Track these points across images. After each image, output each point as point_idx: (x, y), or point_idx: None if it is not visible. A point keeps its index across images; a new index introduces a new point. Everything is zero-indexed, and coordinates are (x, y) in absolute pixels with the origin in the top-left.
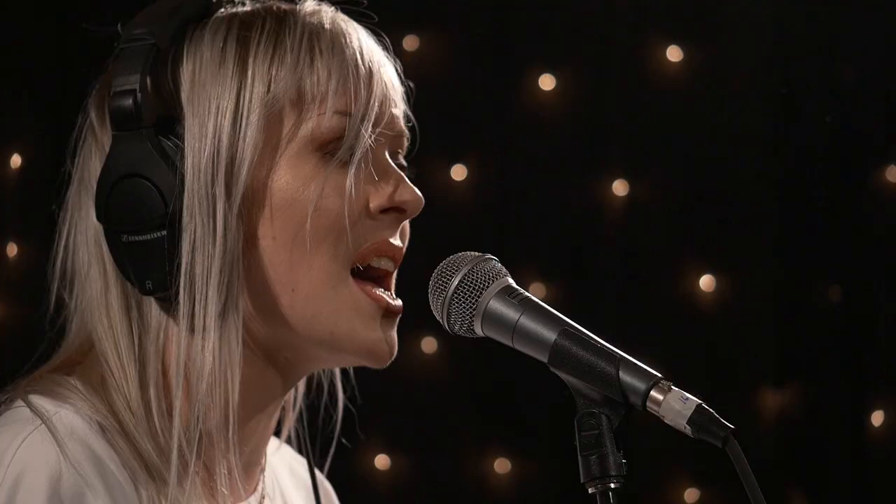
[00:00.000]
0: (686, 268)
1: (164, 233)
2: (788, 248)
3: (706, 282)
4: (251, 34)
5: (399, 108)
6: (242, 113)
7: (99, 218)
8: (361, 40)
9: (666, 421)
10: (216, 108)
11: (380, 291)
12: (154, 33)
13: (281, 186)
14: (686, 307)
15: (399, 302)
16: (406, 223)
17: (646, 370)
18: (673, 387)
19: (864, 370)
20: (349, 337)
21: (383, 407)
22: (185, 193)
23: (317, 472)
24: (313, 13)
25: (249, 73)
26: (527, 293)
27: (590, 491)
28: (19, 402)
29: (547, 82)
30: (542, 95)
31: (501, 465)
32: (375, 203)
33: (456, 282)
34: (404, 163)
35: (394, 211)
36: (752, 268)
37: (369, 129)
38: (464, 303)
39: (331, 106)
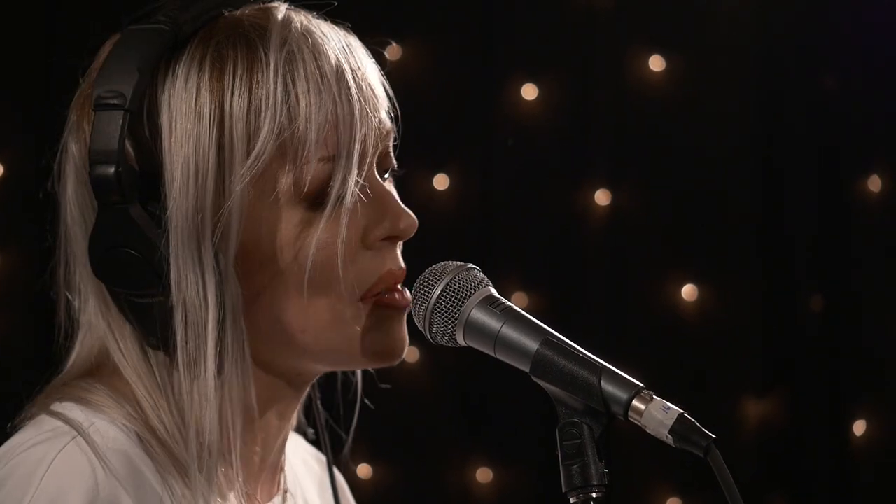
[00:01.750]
0: (668, 277)
1: (162, 299)
2: (771, 257)
3: (688, 291)
4: (224, 83)
5: (382, 108)
6: (225, 175)
7: (96, 275)
8: (337, 57)
9: (647, 430)
10: (195, 170)
11: (389, 296)
12: (125, 96)
13: (275, 242)
14: (668, 317)
15: (407, 293)
16: None
17: (627, 380)
18: (655, 396)
19: (847, 380)
20: (368, 351)
21: (365, 416)
22: (172, 265)
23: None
24: (283, 39)
25: (227, 130)
26: (509, 303)
27: (571, 501)
28: (48, 413)
29: (529, 92)
30: (524, 105)
31: (483, 475)
32: (370, 236)
33: (438, 291)
34: (394, 161)
35: (390, 237)
36: (734, 277)
37: (354, 173)
38: (446, 313)
39: (314, 154)
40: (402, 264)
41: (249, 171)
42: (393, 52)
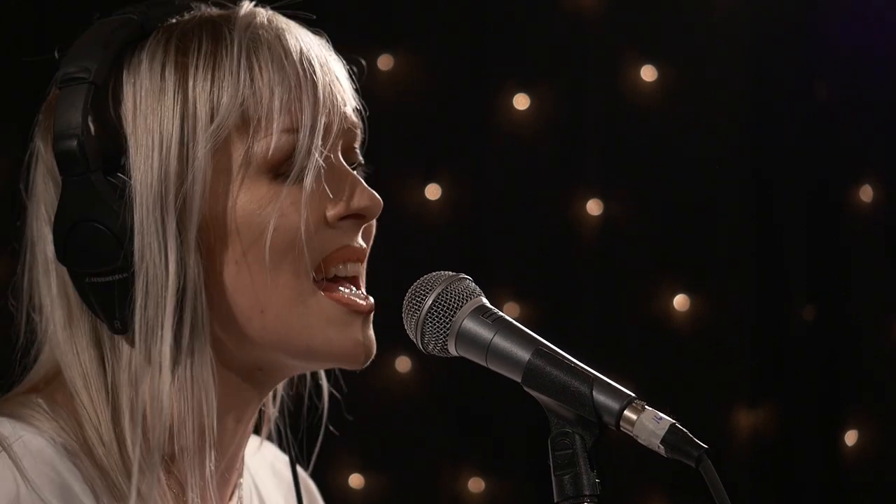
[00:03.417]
0: (660, 287)
1: (125, 274)
2: (763, 266)
3: (680, 301)
4: (188, 59)
5: (349, 104)
6: (188, 145)
7: (60, 260)
8: (301, 45)
9: (640, 440)
10: (159, 141)
11: (349, 294)
12: (90, 70)
13: (237, 213)
14: (660, 326)
15: (371, 300)
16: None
17: (619, 390)
18: (646, 406)
19: (838, 390)
20: (326, 347)
21: (357, 426)
22: (136, 234)
23: (300, 470)
24: (249, 23)
25: (191, 102)
26: (500, 313)
27: None
28: None
29: (521, 101)
30: (516, 114)
31: (475, 485)
32: (332, 212)
33: (430, 301)
34: (360, 158)
35: (352, 217)
36: (726, 287)
37: (318, 145)
38: (438, 322)
39: (277, 126)
40: (363, 244)
41: (212, 136)
42: (385, 62)
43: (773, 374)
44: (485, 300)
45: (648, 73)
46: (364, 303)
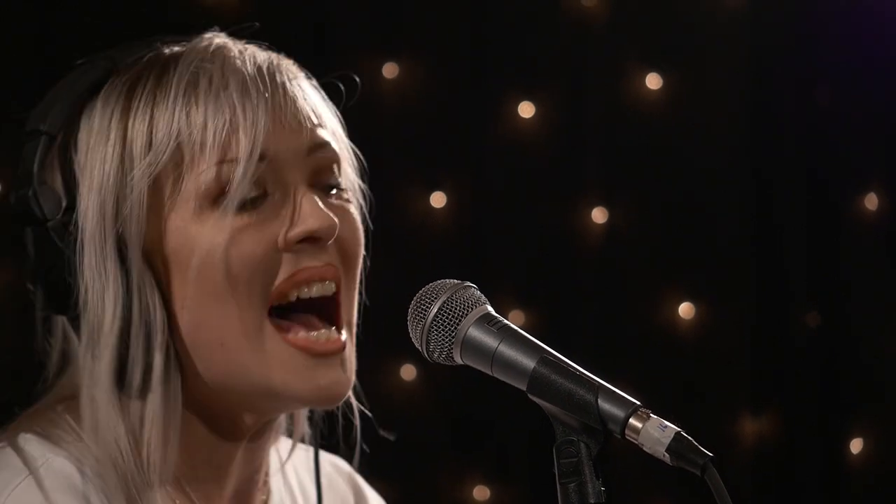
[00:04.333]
0: (665, 295)
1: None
2: (766, 274)
3: (685, 309)
4: (132, 101)
5: (313, 124)
6: (125, 183)
7: (41, 307)
8: (248, 72)
9: (645, 449)
10: (99, 182)
11: (305, 334)
12: (45, 122)
13: (180, 247)
14: (665, 334)
15: (336, 336)
16: (346, 237)
17: (624, 398)
18: (651, 414)
19: (843, 397)
20: (285, 389)
21: (362, 434)
22: (79, 276)
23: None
24: (196, 55)
25: (128, 141)
26: (506, 321)
27: None
28: (11, 446)
29: (526, 109)
30: (521, 122)
31: (480, 493)
32: (282, 237)
33: (435, 310)
34: (339, 179)
35: (307, 241)
36: (730, 295)
37: (252, 173)
38: (443, 331)
39: (210, 158)
40: (318, 262)
41: (146, 171)
42: (390, 70)
43: (777, 381)
44: (490, 308)
45: (652, 81)
46: (327, 343)
